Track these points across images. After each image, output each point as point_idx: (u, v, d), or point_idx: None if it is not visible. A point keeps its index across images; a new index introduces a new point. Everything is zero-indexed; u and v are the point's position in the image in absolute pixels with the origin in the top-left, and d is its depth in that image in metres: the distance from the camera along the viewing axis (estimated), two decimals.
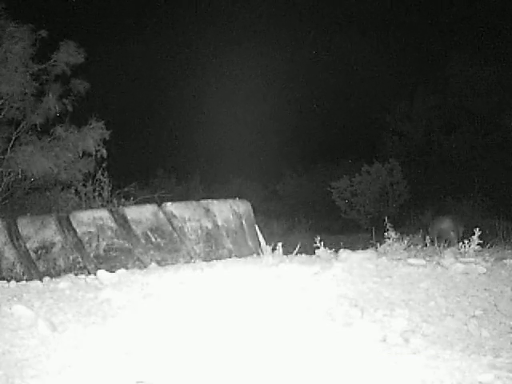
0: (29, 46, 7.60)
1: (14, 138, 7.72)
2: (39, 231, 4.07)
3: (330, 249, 4.18)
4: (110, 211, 4.22)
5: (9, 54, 7.44)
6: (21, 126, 7.84)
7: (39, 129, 7.88)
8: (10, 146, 7.65)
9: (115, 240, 4.10)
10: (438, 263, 3.40)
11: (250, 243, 4.64)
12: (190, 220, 4.31)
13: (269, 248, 4.05)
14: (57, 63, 7.89)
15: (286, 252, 4.12)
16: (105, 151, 8.06)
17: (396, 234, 4.40)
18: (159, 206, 4.33)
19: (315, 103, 23.67)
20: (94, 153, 8.01)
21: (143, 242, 4.15)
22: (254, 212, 4.98)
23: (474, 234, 3.99)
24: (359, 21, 25.95)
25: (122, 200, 7.61)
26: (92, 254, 4.05)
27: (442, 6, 24.26)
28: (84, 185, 7.77)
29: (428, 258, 3.74)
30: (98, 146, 8.04)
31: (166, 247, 4.19)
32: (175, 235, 4.24)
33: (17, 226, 4.09)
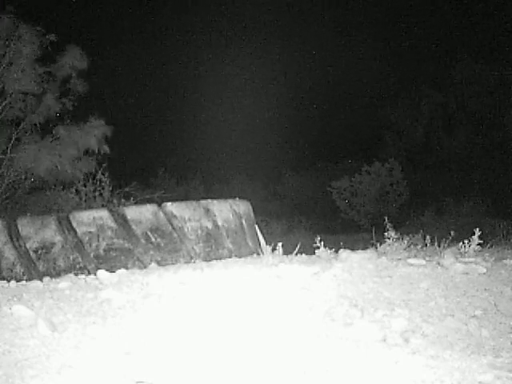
0: (37, 49, 7.64)
1: (14, 137, 7.73)
2: (39, 231, 4.06)
3: (330, 249, 4.18)
4: (110, 211, 4.22)
5: (17, 55, 7.47)
6: (21, 125, 7.85)
7: (39, 129, 7.89)
8: (11, 145, 7.66)
9: (115, 240, 4.10)
10: (438, 263, 3.40)
11: (250, 243, 4.64)
12: (190, 220, 4.31)
13: (269, 248, 4.05)
14: (63, 66, 7.91)
15: (286, 252, 4.12)
16: (107, 148, 8.07)
17: (396, 233, 4.39)
18: (159, 206, 4.33)
19: (315, 103, 23.71)
20: (96, 150, 8.03)
21: (143, 242, 4.15)
22: (254, 212, 4.98)
23: (473, 234, 3.99)
24: (362, 20, 25.98)
25: (122, 200, 7.62)
26: (92, 254, 4.05)
27: (443, 6, 24.27)
28: (84, 185, 7.78)
29: (428, 258, 3.74)
30: (100, 143, 8.05)
31: (166, 247, 4.19)
32: (175, 235, 4.24)
33: (17, 226, 4.09)
